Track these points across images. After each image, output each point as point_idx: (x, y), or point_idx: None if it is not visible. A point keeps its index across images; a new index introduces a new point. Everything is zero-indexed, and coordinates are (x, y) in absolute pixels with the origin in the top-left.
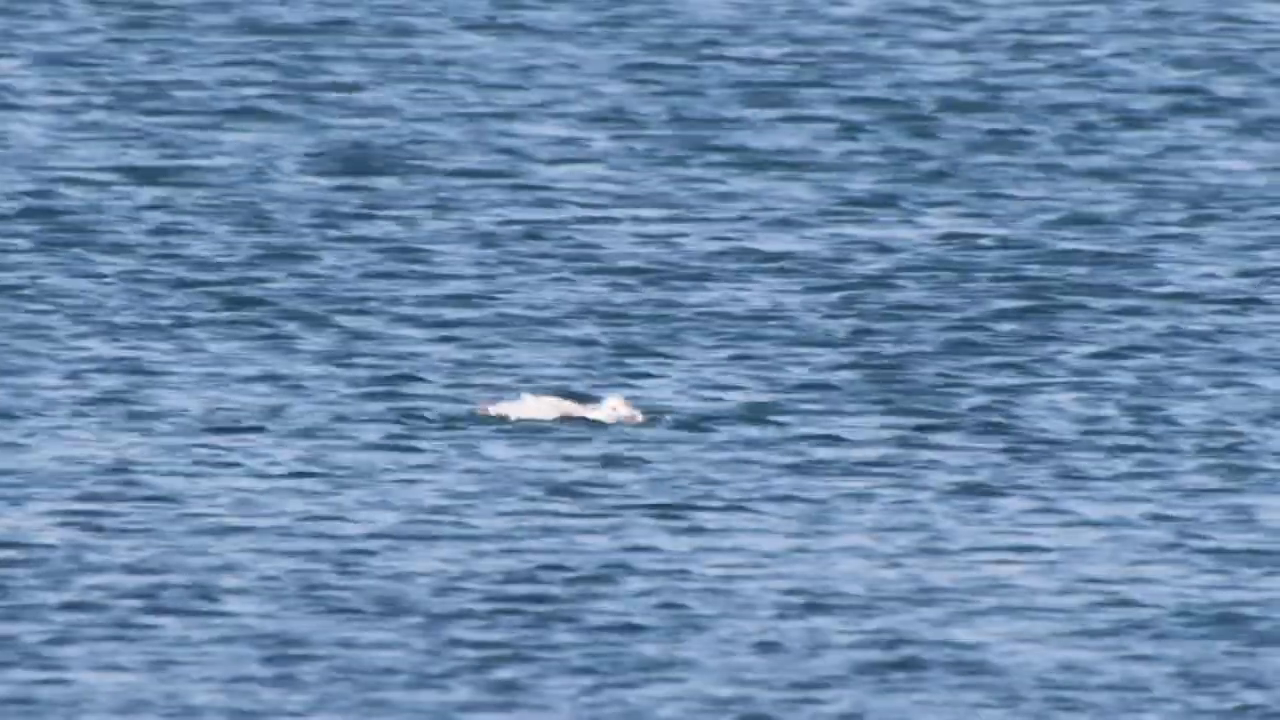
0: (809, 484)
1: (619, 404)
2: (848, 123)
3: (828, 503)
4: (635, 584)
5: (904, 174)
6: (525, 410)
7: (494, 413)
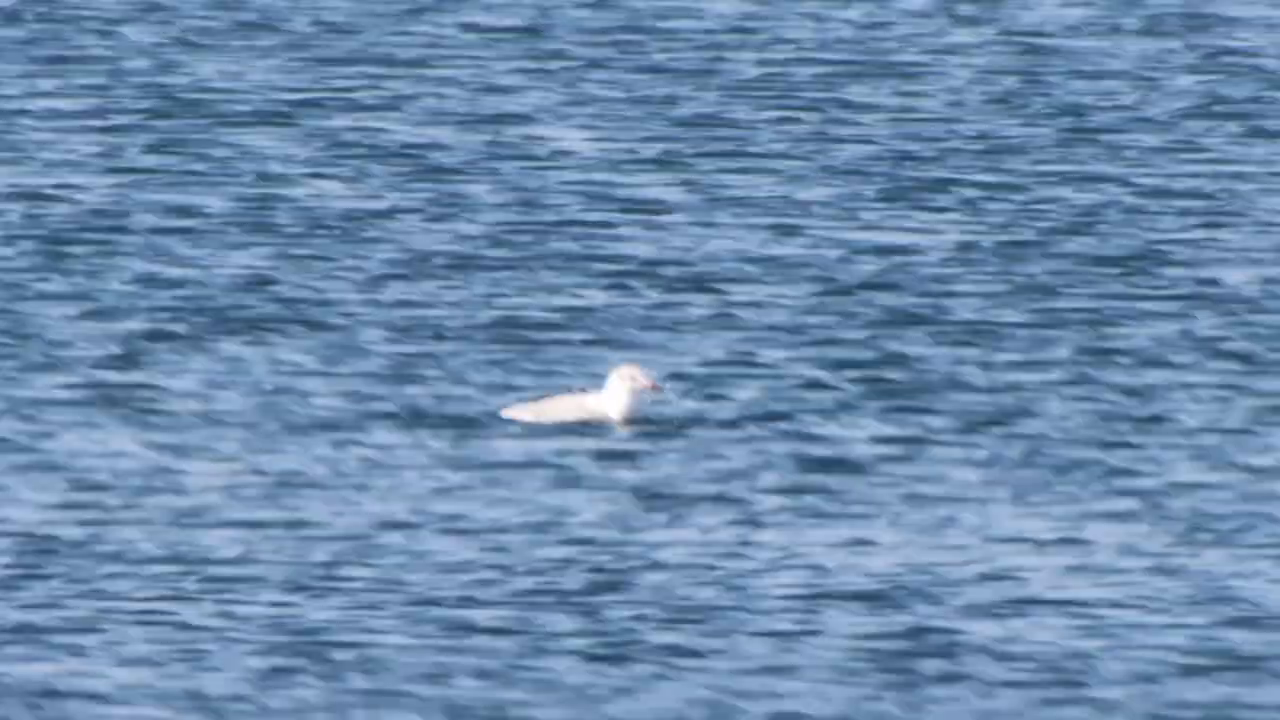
0: (821, 480)
1: (634, 372)
2: (855, 123)
3: (839, 498)
4: (652, 578)
5: (913, 174)
6: (543, 410)
7: (512, 414)
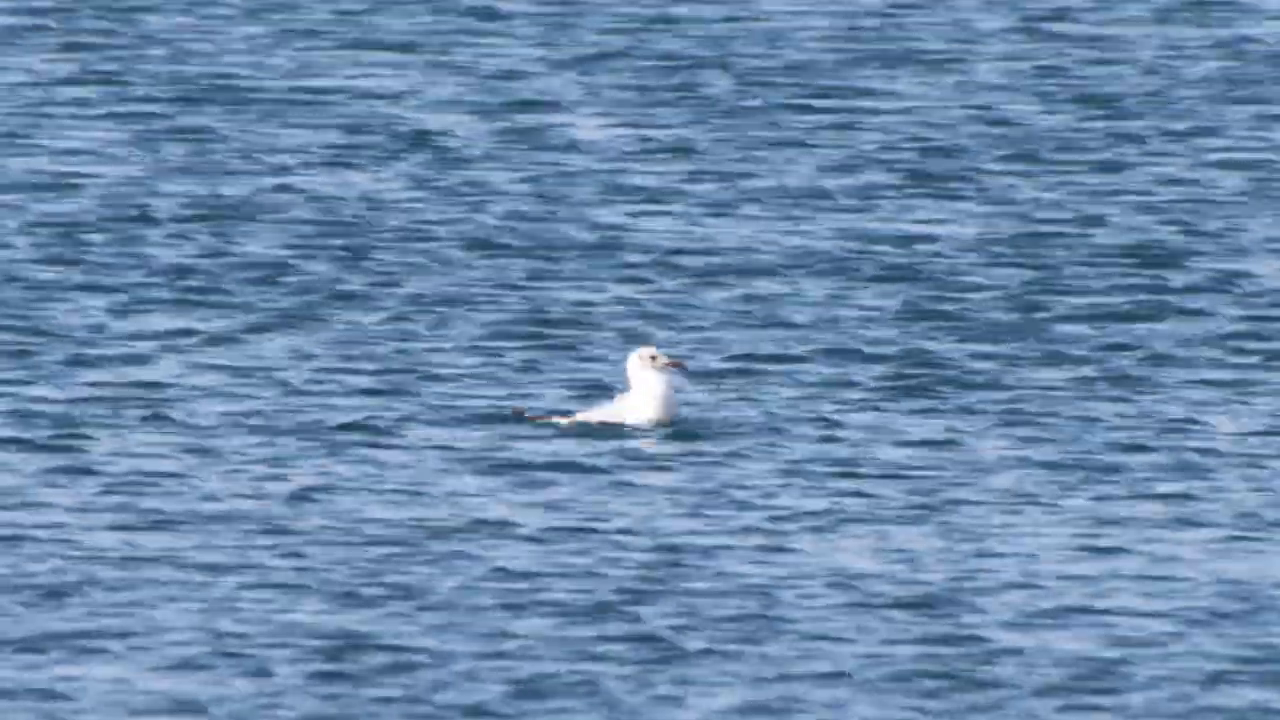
0: (854, 483)
1: (652, 352)
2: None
3: (874, 500)
4: (686, 583)
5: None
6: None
7: (538, 418)
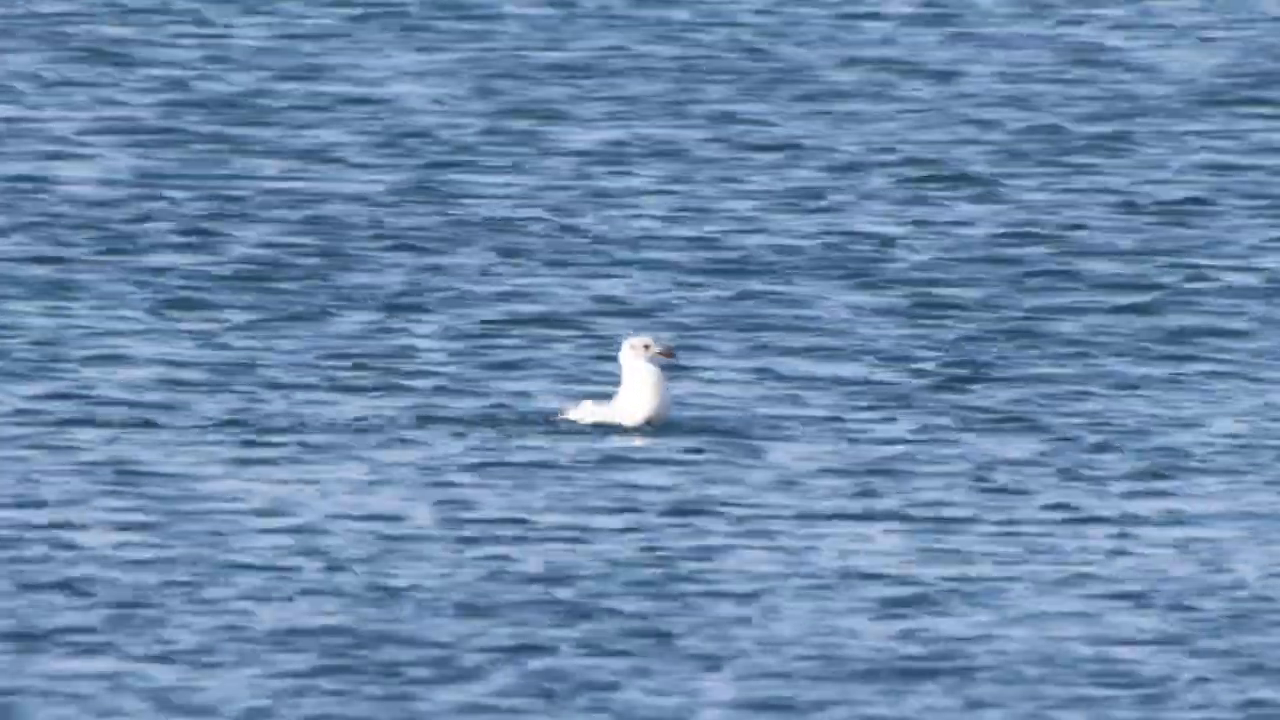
0: (844, 483)
1: (646, 341)
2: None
3: (879, 499)
4: (682, 581)
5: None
6: (582, 414)
7: (552, 418)
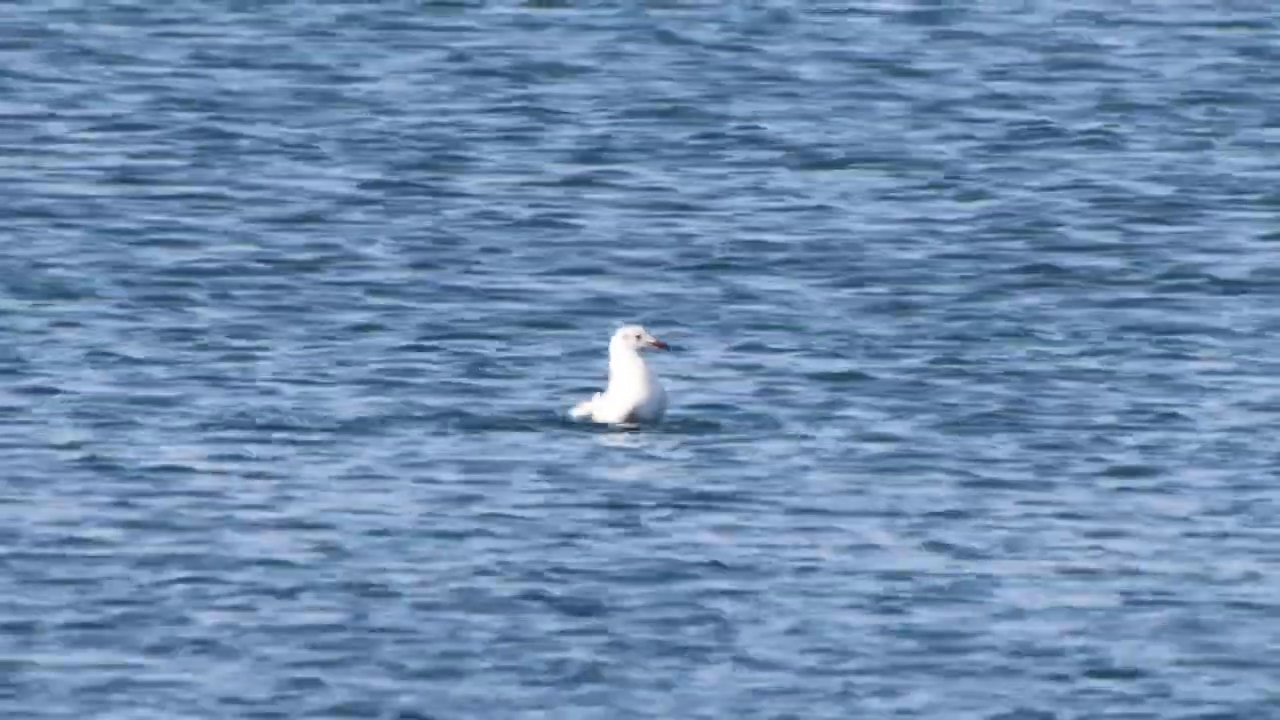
0: (843, 478)
1: (638, 331)
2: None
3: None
4: (685, 580)
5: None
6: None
7: (562, 415)
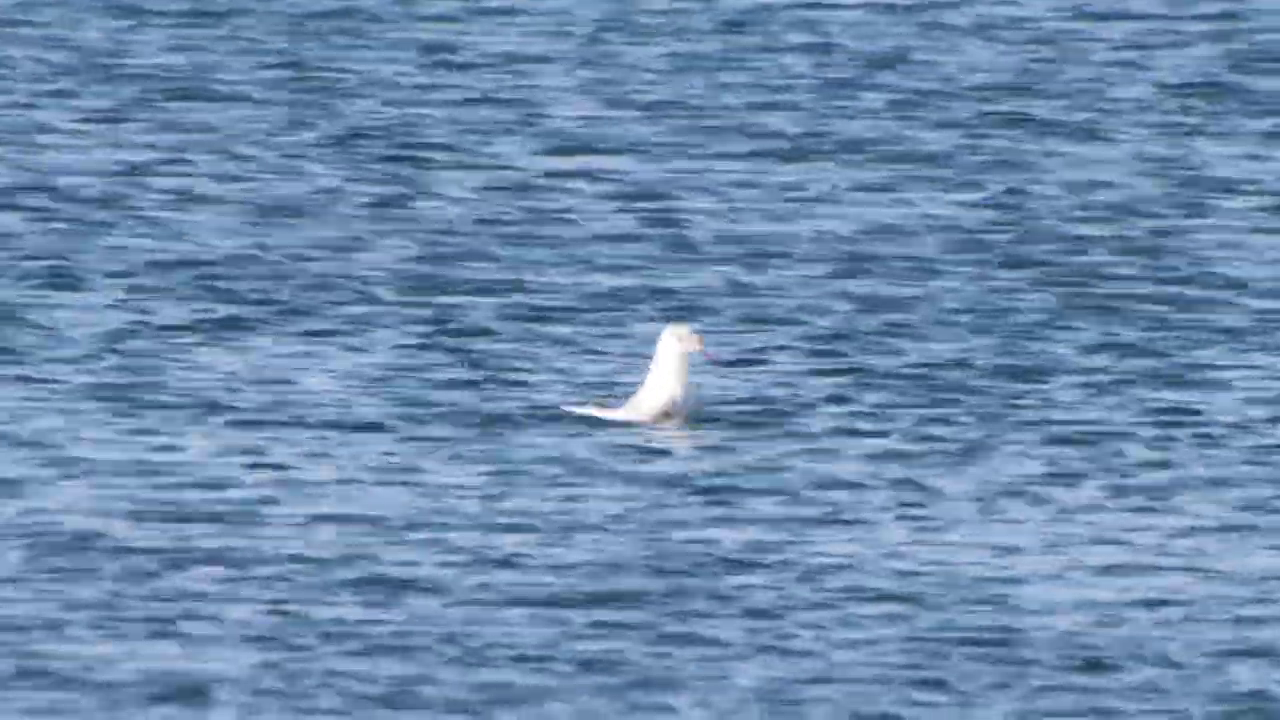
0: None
1: (684, 332)
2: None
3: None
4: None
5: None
6: (612, 409)
7: (582, 412)
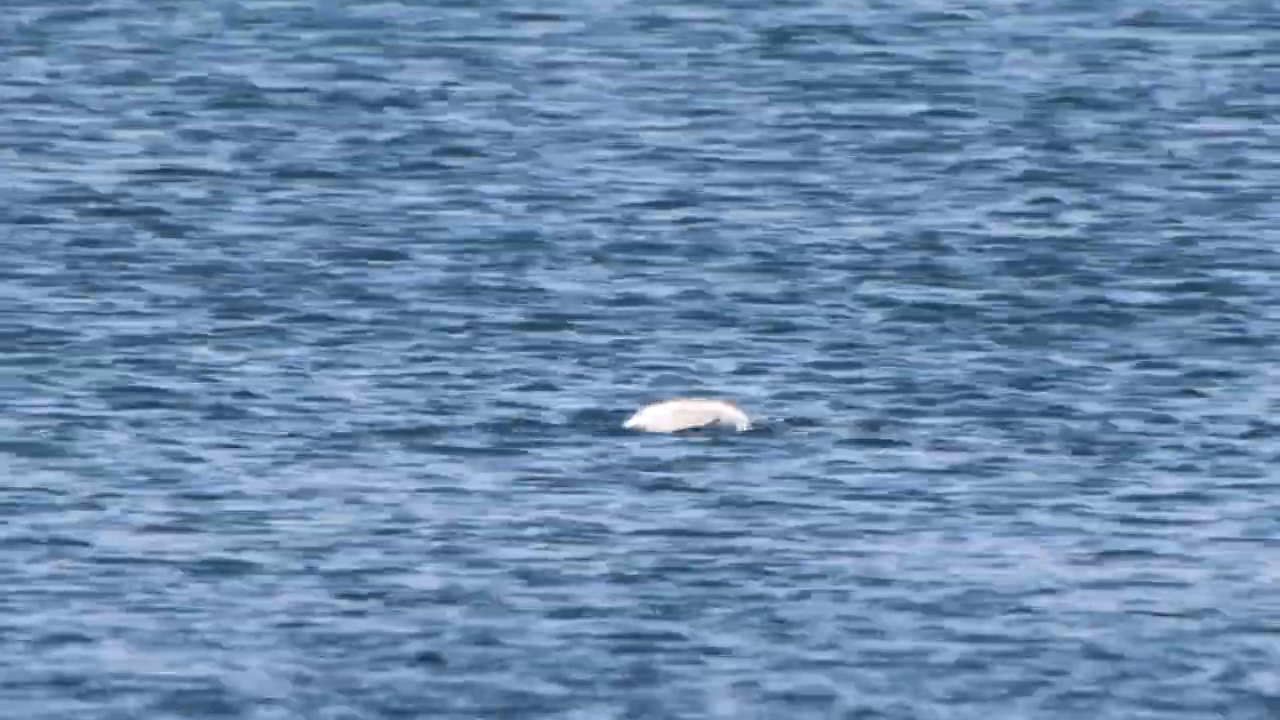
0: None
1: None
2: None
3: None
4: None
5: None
6: (653, 419)
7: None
